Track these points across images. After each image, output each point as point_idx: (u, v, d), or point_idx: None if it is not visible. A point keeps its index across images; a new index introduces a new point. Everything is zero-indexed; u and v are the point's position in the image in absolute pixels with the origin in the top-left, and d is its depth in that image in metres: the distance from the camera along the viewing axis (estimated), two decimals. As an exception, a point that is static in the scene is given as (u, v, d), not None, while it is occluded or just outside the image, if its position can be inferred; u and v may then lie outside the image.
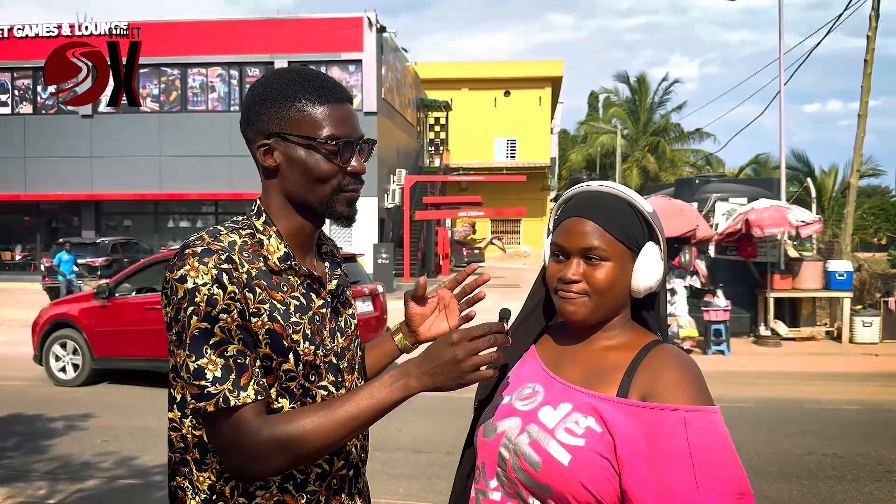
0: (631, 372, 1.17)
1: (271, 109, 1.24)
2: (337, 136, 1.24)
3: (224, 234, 1.22)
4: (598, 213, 1.22)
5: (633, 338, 1.26)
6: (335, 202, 1.27)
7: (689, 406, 1.09)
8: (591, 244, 1.21)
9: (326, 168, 1.25)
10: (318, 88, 1.25)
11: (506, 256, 35.81)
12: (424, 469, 5.20)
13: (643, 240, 1.23)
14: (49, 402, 7.40)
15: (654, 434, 1.08)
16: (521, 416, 1.22)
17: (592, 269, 1.22)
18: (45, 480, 4.99)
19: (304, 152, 1.24)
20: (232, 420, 1.13)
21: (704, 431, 1.07)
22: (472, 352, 1.13)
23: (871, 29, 13.33)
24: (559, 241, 1.26)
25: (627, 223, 1.22)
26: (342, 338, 1.35)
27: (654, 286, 1.24)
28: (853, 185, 14.13)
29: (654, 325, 1.29)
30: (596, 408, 1.15)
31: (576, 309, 1.23)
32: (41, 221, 24.09)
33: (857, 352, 10.57)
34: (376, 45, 22.13)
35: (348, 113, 1.28)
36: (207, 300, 1.13)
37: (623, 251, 1.22)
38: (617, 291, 1.23)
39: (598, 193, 1.27)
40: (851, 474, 5.14)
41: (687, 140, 41.27)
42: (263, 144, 1.26)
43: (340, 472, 1.31)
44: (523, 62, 40.08)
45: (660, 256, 1.24)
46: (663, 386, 1.12)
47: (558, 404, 1.20)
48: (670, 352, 1.20)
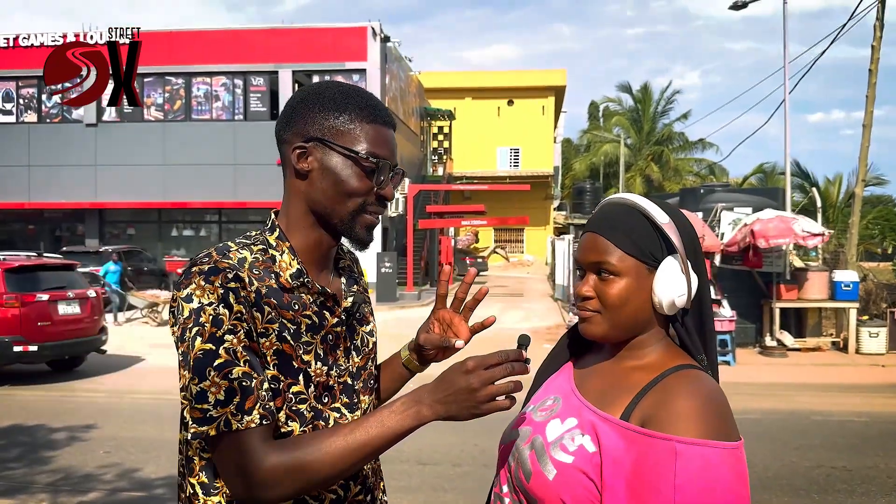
0: (641, 395, 1.12)
1: (318, 114, 1.22)
2: (378, 156, 1.22)
3: (234, 251, 1.19)
4: (609, 228, 1.19)
5: (662, 359, 1.19)
6: (355, 223, 1.24)
7: (686, 439, 1.00)
8: (601, 259, 1.18)
9: (358, 184, 1.22)
10: (368, 106, 1.24)
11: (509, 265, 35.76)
12: (430, 481, 5.16)
13: (661, 253, 1.18)
14: (51, 412, 7.37)
15: (641, 462, 1.03)
16: (534, 426, 1.21)
17: (604, 285, 1.18)
18: (47, 493, 4.96)
19: (341, 163, 1.22)
20: (236, 445, 1.09)
21: (697, 468, 0.99)
22: (488, 381, 1.07)
23: (876, 38, 13.31)
24: (576, 256, 1.25)
25: (640, 236, 1.17)
26: (358, 357, 1.31)
27: (679, 302, 1.17)
28: (858, 194, 14.09)
29: (693, 345, 1.21)
30: (595, 427, 1.12)
31: (591, 328, 1.21)
32: (45, 229, 24.10)
33: (863, 363, 10.50)
34: (380, 54, 22.17)
35: (391, 138, 1.27)
36: (213, 320, 1.09)
37: (636, 266, 1.17)
38: (632, 308, 1.18)
39: (612, 206, 1.23)
40: (861, 488, 5.08)
41: (690, 149, 41.28)
42: (301, 147, 1.22)
43: (357, 497, 1.27)
44: (526, 71, 40.12)
45: (680, 270, 1.17)
46: (666, 413, 1.05)
47: (566, 418, 1.18)
48: (690, 378, 1.11)
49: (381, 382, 1.49)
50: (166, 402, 7.74)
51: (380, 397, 1.45)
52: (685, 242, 1.19)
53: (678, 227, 1.19)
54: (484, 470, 5.35)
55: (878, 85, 13.40)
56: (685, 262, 1.18)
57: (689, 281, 1.17)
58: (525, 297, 21.05)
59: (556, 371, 1.34)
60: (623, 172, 36.49)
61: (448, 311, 1.43)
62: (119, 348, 11.19)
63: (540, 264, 35.10)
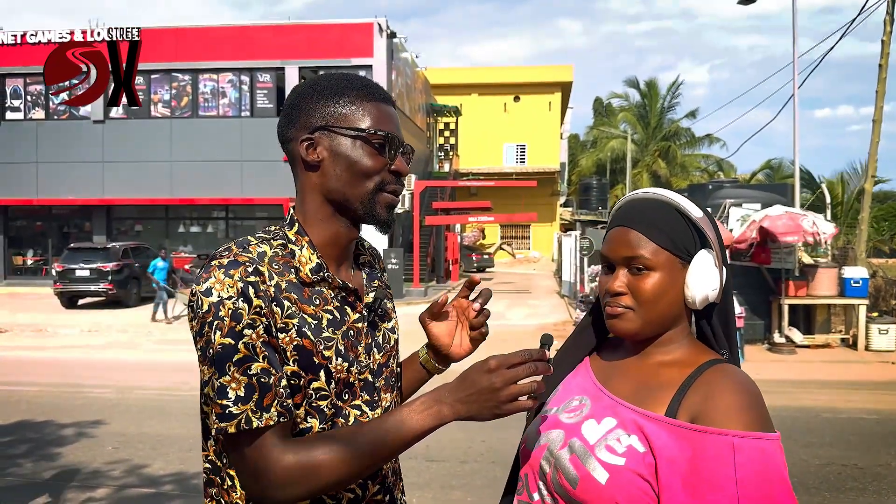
0: (683, 391, 1.10)
1: (318, 104, 1.22)
2: (384, 131, 1.22)
3: (254, 245, 1.17)
4: (641, 221, 1.16)
5: (692, 354, 1.18)
6: (376, 203, 1.23)
7: (741, 432, 1.01)
8: (634, 253, 1.15)
9: (371, 162, 1.21)
10: (365, 87, 1.24)
11: (515, 262, 35.73)
12: (438, 478, 5.14)
13: (694, 247, 1.15)
14: (59, 407, 7.38)
15: (699, 459, 1.01)
16: (565, 428, 1.17)
17: (638, 280, 1.16)
18: (55, 489, 4.96)
19: (351, 144, 1.20)
20: (254, 442, 1.08)
21: (755, 461, 0.99)
22: (511, 380, 1.05)
23: (886, 33, 13.20)
24: (605, 251, 1.21)
25: (674, 230, 1.15)
26: (379, 354, 1.28)
27: (712, 296, 1.16)
28: (868, 190, 13.98)
29: (718, 340, 1.20)
30: (640, 426, 1.09)
31: (623, 324, 1.18)
32: (53, 226, 24.21)
33: (873, 359, 10.44)
34: (386, 50, 22.15)
35: (394, 114, 1.27)
36: (232, 314, 1.08)
37: (670, 260, 1.15)
38: (666, 303, 1.16)
39: (643, 200, 1.20)
40: (873, 486, 5.04)
41: (697, 145, 41.12)
42: (308, 139, 1.21)
43: (376, 497, 1.24)
44: (533, 67, 40.04)
45: (714, 264, 1.15)
46: (715, 408, 1.04)
47: (602, 419, 1.14)
48: (729, 372, 1.11)
49: (403, 381, 1.46)
50: (174, 398, 7.75)
51: (402, 395, 1.42)
52: (717, 236, 1.17)
53: (710, 220, 1.18)
54: (491, 466, 5.33)
55: (887, 80, 13.31)
56: (719, 256, 1.16)
57: (721, 275, 1.16)
58: (532, 293, 21.02)
59: (571, 371, 1.31)
60: (630, 168, 36.38)
61: (466, 302, 1.39)
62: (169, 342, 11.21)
63: (546, 261, 35.06)
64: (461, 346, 1.40)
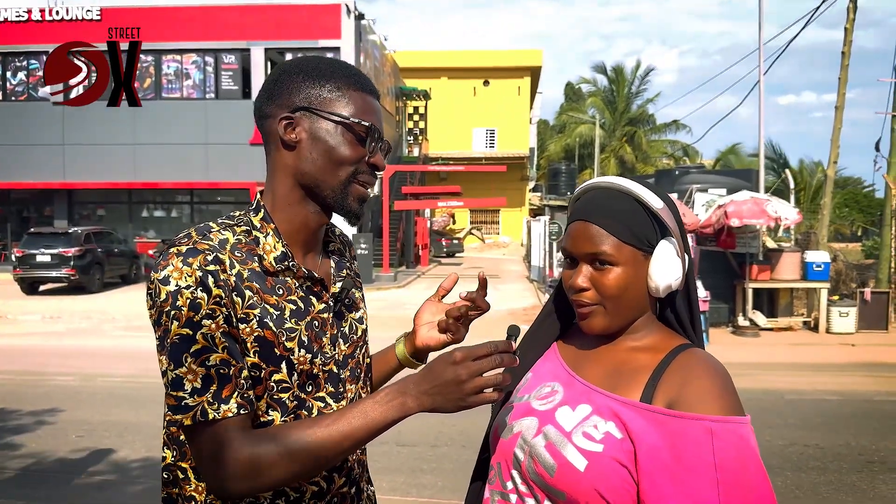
0: (657, 376, 1.10)
1: (304, 84, 1.17)
2: (368, 122, 1.19)
3: (215, 231, 1.14)
4: (602, 215, 1.15)
5: (662, 339, 1.18)
6: (347, 194, 1.19)
7: (718, 416, 1.02)
8: (596, 249, 1.14)
9: (349, 151, 1.18)
10: (354, 76, 1.21)
11: (485, 246, 35.85)
12: (408, 462, 5.15)
13: (655, 237, 1.15)
14: (21, 396, 7.22)
15: (678, 445, 1.02)
16: (539, 416, 1.16)
17: (601, 276, 1.15)
18: (19, 478, 4.86)
19: (332, 130, 1.17)
20: (212, 434, 1.05)
21: (732, 445, 1.00)
22: (476, 373, 1.03)
23: (849, 21, 13.43)
24: (566, 245, 1.19)
25: (636, 223, 1.14)
26: (345, 345, 1.25)
27: (675, 285, 1.16)
28: (830, 176, 14.26)
29: (682, 325, 1.21)
30: (617, 412, 1.08)
31: (593, 322, 1.17)
32: (12, 210, 23.58)
33: (834, 342, 10.69)
34: (354, 32, 21.90)
35: (378, 108, 1.24)
36: (190, 304, 1.04)
37: (633, 253, 1.14)
38: (632, 296, 1.16)
39: (602, 190, 1.18)
40: (834, 465, 5.16)
41: (664, 131, 41.50)
42: (288, 118, 1.17)
43: (342, 489, 1.22)
44: (502, 51, 39.97)
45: (676, 254, 1.15)
46: (691, 393, 1.05)
47: (577, 405, 1.13)
48: (701, 357, 1.12)
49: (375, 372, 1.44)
50: (140, 385, 7.63)
51: (372, 386, 1.39)
52: (678, 224, 1.17)
53: (671, 209, 1.17)
54: (462, 451, 5.35)
55: (850, 67, 13.54)
56: (680, 244, 1.16)
57: (683, 263, 1.16)
58: (501, 278, 21.09)
59: (539, 357, 1.29)
60: (598, 153, 36.62)
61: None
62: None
63: (515, 246, 35.22)
64: (427, 335, 1.38)
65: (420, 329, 1.39)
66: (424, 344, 1.39)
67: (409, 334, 1.43)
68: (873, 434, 5.95)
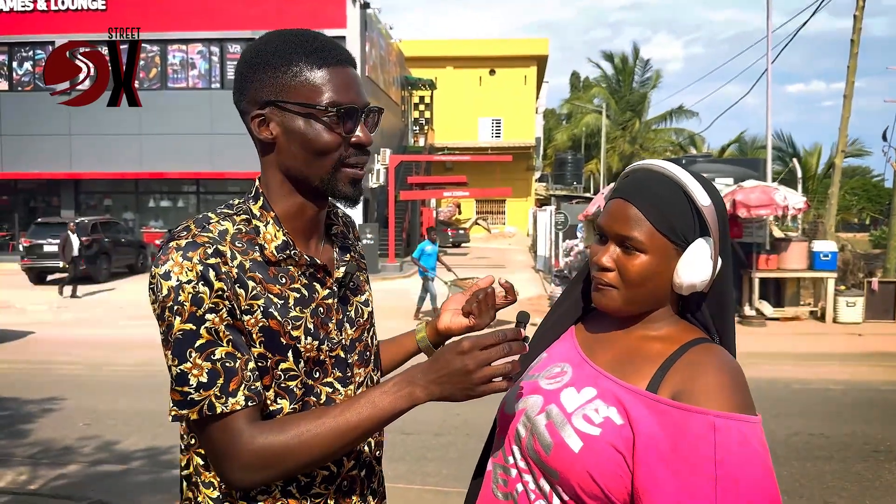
0: (666, 367, 1.08)
1: (265, 75, 1.11)
2: (339, 103, 1.11)
3: (214, 222, 1.11)
4: (643, 199, 1.11)
5: (678, 332, 1.15)
6: (337, 180, 1.15)
7: (723, 412, 0.99)
8: (629, 233, 1.11)
9: (327, 139, 1.11)
10: (316, 50, 1.12)
11: (491, 237, 35.80)
12: (412, 451, 5.16)
13: (693, 234, 1.10)
14: (29, 385, 7.27)
15: (679, 437, 1.00)
16: (544, 395, 1.16)
17: (626, 259, 1.12)
18: (26, 465, 4.89)
19: (303, 122, 1.11)
20: (222, 427, 1.05)
21: (735, 442, 0.97)
22: (484, 362, 1.02)
23: (858, 8, 13.30)
24: (601, 221, 1.16)
25: (675, 213, 1.10)
26: (352, 329, 1.24)
27: (700, 286, 1.12)
28: (838, 165, 14.17)
29: (704, 325, 1.17)
30: (620, 398, 1.07)
31: (605, 301, 1.16)
32: (19, 200, 23.67)
33: (840, 332, 10.65)
34: (360, 21, 21.82)
35: (351, 77, 1.15)
36: (192, 299, 1.03)
37: (665, 245, 1.10)
38: (653, 287, 1.12)
39: (652, 174, 1.14)
40: (839, 454, 5.15)
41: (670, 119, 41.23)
42: (258, 115, 1.12)
43: (351, 472, 1.22)
44: (509, 40, 39.78)
45: (709, 255, 1.10)
46: (698, 388, 1.02)
47: (583, 388, 1.12)
48: (714, 352, 1.09)
49: (387, 354, 1.45)
50: (146, 374, 7.67)
51: (381, 369, 1.38)
52: (720, 224, 1.12)
53: (717, 209, 1.12)
54: (466, 439, 5.36)
55: (859, 55, 13.42)
56: (716, 248, 1.11)
57: (715, 266, 1.12)
58: (507, 268, 21.08)
59: (557, 338, 1.29)
60: (605, 143, 36.47)
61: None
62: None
63: (521, 236, 35.16)
64: (450, 322, 1.42)
65: (444, 314, 1.40)
66: (447, 328, 1.40)
67: (432, 321, 1.44)
68: (879, 423, 5.94)
